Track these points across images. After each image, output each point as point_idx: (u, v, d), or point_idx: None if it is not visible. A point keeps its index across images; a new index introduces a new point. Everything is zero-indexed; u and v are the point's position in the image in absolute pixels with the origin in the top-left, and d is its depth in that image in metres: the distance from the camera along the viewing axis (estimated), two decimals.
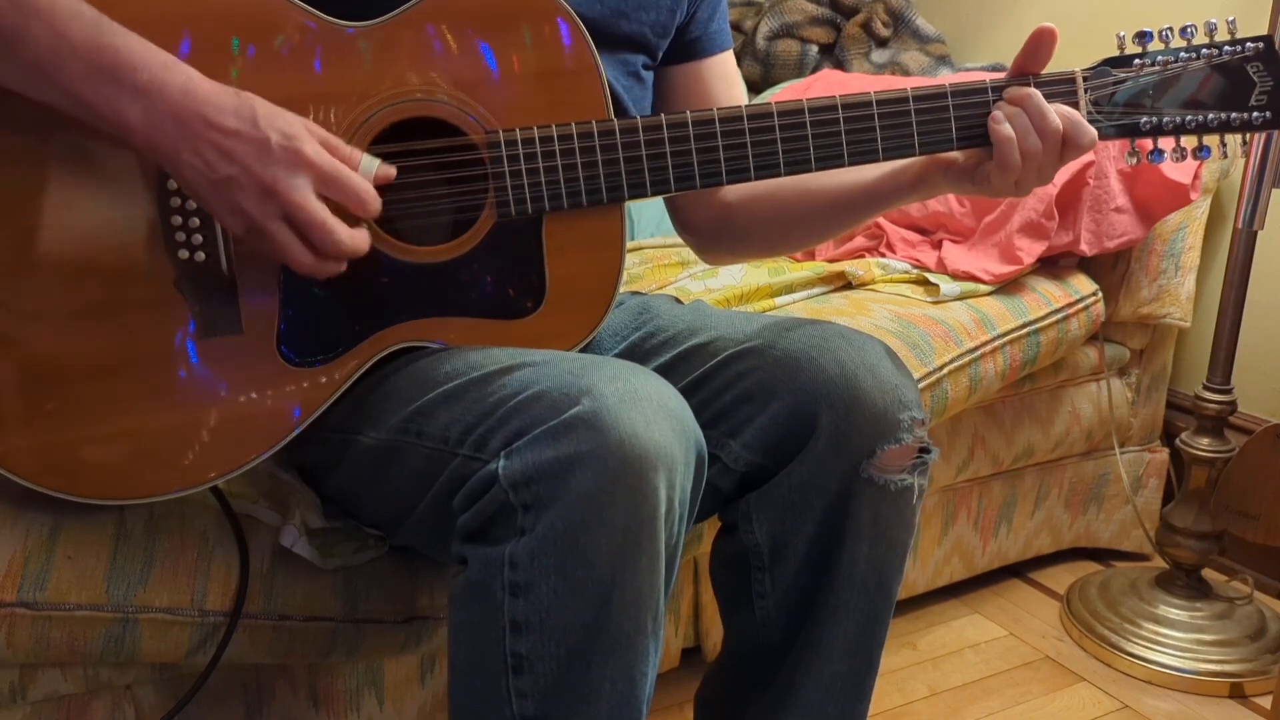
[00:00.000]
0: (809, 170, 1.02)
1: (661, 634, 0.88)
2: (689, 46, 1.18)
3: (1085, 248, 1.67)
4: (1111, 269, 1.77)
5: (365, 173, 0.90)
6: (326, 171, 0.87)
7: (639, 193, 1.00)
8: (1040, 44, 1.00)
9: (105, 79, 0.84)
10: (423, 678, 1.28)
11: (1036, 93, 0.99)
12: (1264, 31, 1.50)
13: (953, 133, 1.01)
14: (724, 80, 1.20)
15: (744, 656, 1.09)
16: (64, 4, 0.84)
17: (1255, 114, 1.03)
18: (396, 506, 0.99)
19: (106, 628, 1.01)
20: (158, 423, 0.95)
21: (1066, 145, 0.99)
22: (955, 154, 1.03)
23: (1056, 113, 0.98)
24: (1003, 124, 0.98)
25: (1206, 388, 1.67)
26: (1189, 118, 1.03)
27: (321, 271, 0.91)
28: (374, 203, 0.90)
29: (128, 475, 0.95)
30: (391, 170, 0.92)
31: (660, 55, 1.16)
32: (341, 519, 1.08)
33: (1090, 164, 1.64)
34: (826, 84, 2.05)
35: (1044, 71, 1.02)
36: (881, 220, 1.83)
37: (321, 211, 0.87)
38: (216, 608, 1.04)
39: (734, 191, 1.19)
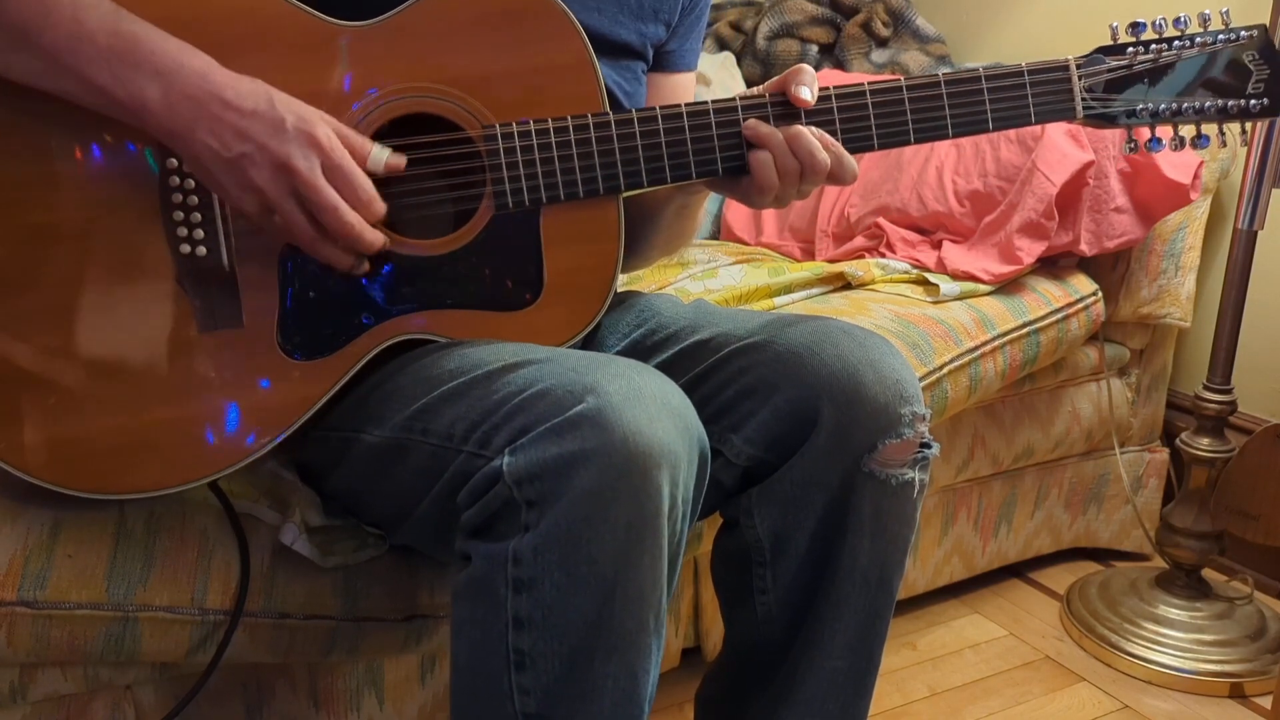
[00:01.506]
0: None
1: (664, 632, 0.88)
2: (658, 57, 1.18)
3: (1085, 248, 1.67)
4: (1111, 269, 1.77)
5: (374, 163, 0.91)
6: (333, 160, 0.88)
7: (635, 183, 1.01)
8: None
9: (124, 62, 0.86)
10: (423, 678, 1.28)
11: (806, 132, 0.99)
12: (1266, 22, 1.52)
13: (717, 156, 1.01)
14: (675, 99, 1.19)
15: (745, 654, 1.09)
16: None
17: (1253, 102, 1.03)
18: (399, 504, 0.99)
19: (107, 626, 1.00)
20: (159, 417, 0.95)
21: (831, 178, 1.00)
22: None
23: (826, 148, 0.99)
24: (766, 161, 0.99)
25: (1206, 388, 1.67)
26: (1186, 105, 1.03)
27: (331, 258, 0.92)
28: (372, 201, 0.90)
29: (129, 470, 0.95)
30: (401, 160, 0.94)
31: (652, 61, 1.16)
32: (342, 517, 1.08)
33: (1090, 164, 1.64)
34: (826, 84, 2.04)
35: (1037, 60, 1.02)
36: (881, 220, 1.83)
37: (333, 195, 0.88)
38: (217, 606, 1.04)
39: None
